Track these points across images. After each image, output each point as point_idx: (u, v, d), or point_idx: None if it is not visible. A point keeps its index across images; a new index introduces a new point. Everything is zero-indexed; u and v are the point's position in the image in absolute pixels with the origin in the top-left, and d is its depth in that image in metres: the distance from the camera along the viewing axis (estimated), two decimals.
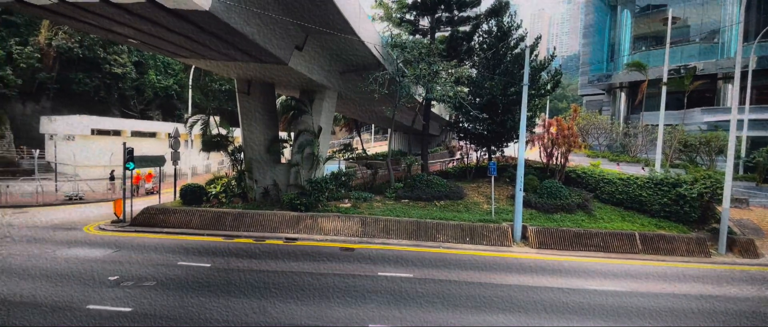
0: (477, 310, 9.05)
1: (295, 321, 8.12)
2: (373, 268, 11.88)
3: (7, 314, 8.00)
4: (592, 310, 9.41)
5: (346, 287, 10.16)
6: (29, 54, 33.74)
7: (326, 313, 8.56)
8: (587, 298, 10.10)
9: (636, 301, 10.07)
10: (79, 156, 29.71)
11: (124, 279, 10.25)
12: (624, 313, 9.33)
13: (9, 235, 14.41)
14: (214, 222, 16.30)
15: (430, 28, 23.35)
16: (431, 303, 9.35)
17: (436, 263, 12.57)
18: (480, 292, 10.21)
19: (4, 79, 32.28)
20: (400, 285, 10.46)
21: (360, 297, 9.53)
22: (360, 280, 10.77)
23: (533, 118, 22.67)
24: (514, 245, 15.02)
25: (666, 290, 11.06)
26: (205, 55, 15.80)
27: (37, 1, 10.49)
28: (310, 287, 10.09)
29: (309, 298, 9.33)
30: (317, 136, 19.00)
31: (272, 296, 9.42)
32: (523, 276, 11.69)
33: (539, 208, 17.49)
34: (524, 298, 9.88)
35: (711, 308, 9.88)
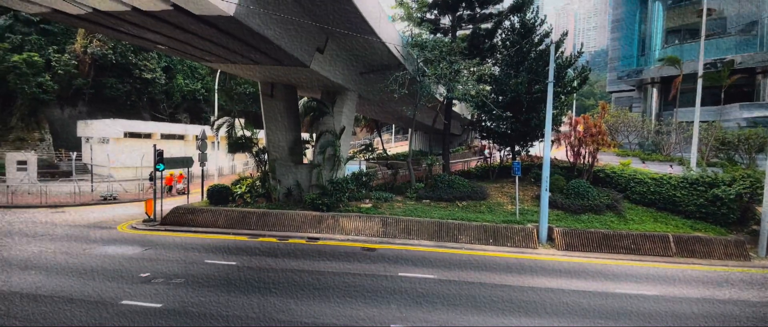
0: (501, 313, 8.86)
1: (318, 319, 8.18)
2: (395, 268, 11.85)
3: (47, 308, 8.43)
4: (622, 314, 9.04)
5: (367, 287, 10.17)
6: (66, 61, 35.58)
7: (348, 312, 8.59)
8: (617, 302, 9.72)
9: (669, 307, 9.61)
10: (112, 158, 31.09)
11: (154, 276, 10.62)
12: (657, 318, 8.92)
13: (50, 233, 15.22)
14: (239, 221, 16.69)
15: (452, 27, 23.10)
16: (454, 305, 9.22)
17: (458, 264, 12.41)
18: (504, 294, 10.00)
19: (43, 85, 34.16)
20: (422, 286, 10.38)
21: (382, 297, 9.52)
22: (381, 280, 10.76)
23: (559, 116, 22.04)
24: (540, 247, 14.64)
25: (702, 295, 10.51)
26: (230, 59, 16.19)
27: (72, 10, 11.02)
28: (333, 286, 10.15)
29: (331, 297, 9.39)
30: (338, 137, 19.14)
31: (296, 295, 9.54)
32: (549, 278, 11.37)
33: (566, 209, 16.99)
34: (550, 301, 9.60)
35: (752, 314, 9.32)
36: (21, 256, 12.16)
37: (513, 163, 17.82)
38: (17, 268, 10.95)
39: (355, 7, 13.38)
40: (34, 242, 13.81)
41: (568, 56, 21.91)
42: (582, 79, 21.90)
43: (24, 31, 35.48)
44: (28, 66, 32.72)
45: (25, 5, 11.03)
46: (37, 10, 11.35)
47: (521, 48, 21.02)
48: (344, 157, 19.74)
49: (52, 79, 34.76)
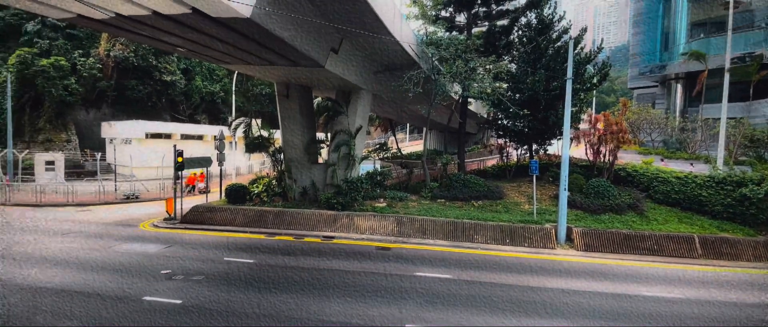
0: (519, 314, 8.73)
1: (333, 318, 8.23)
2: (410, 267, 11.81)
3: (73, 303, 8.73)
4: (644, 317, 8.77)
5: (382, 286, 10.17)
6: (91, 64, 36.80)
7: (363, 311, 8.60)
8: (638, 305, 9.44)
9: (693, 310, 9.28)
10: (135, 158, 32.00)
11: (175, 273, 10.88)
12: (680, 321, 8.63)
13: (77, 231, 15.77)
14: (256, 220, 16.94)
15: (467, 24, 22.86)
16: (470, 305, 9.13)
17: (474, 265, 12.28)
18: (522, 295, 9.84)
19: (70, 88, 35.42)
20: (438, 286, 10.31)
21: (397, 296, 9.50)
22: (396, 279, 10.74)
23: (578, 113, 21.55)
24: (558, 247, 14.36)
25: (729, 298, 10.11)
26: (247, 60, 16.43)
27: (96, 15, 11.37)
28: (348, 285, 10.19)
29: (346, 296, 9.43)
30: (353, 137, 19.21)
31: (311, 293, 9.62)
32: (567, 279, 11.14)
33: (585, 209, 16.62)
34: (569, 303, 9.40)
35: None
36: (50, 252, 12.64)
37: (530, 161, 17.53)
38: (46, 264, 11.39)
39: (369, 7, 13.38)
40: (62, 239, 14.34)
41: (587, 52, 21.40)
42: (602, 76, 21.36)
43: (51, 37, 36.85)
44: (55, 70, 33.99)
45: (52, 11, 11.45)
46: (63, 15, 11.76)
47: (538, 45, 20.65)
48: (359, 157, 19.79)
49: (77, 82, 36.02)
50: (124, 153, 33.06)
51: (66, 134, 37.13)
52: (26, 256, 12.22)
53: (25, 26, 36.71)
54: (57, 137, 36.49)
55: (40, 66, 33.43)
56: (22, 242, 13.81)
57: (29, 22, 36.62)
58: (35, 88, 34.25)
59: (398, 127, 65.21)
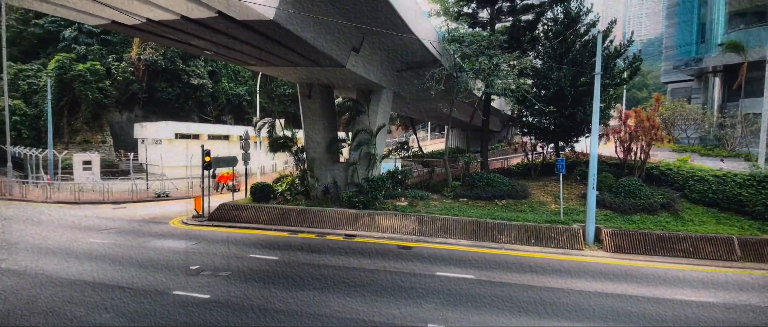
0: (545, 316, 8.49)
1: (354, 315, 8.26)
2: (432, 267, 11.72)
3: (108, 295, 9.14)
4: (676, 321, 8.36)
5: (404, 285, 10.13)
6: (124, 68, 38.46)
7: (385, 309, 8.60)
8: (672, 309, 9.01)
9: (732, 315, 8.76)
10: (165, 157, 33.22)
11: (203, 269, 11.22)
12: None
13: (112, 228, 16.53)
14: (280, 218, 17.25)
15: (490, 20, 22.44)
16: (494, 306, 8.96)
17: (498, 265, 12.06)
18: (548, 297, 9.58)
19: (104, 90, 37.12)
20: (460, 286, 10.18)
21: (419, 296, 9.44)
22: (418, 278, 10.68)
23: (607, 109, 20.82)
24: (586, 248, 13.90)
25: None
26: (271, 61, 16.73)
27: (128, 21, 11.85)
28: (370, 283, 10.21)
29: (368, 294, 9.45)
30: (374, 136, 19.24)
31: (334, 290, 9.69)
32: (596, 282, 10.77)
33: (615, 209, 16.02)
34: (598, 306, 9.08)
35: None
36: (87, 248, 13.30)
37: (557, 159, 17.04)
38: (84, 259, 11.98)
39: (390, 5, 13.35)
40: (99, 236, 15.05)
41: (617, 46, 20.61)
42: (633, 70, 20.54)
43: (87, 42, 38.75)
44: (91, 74, 35.73)
45: (88, 18, 12.01)
46: (98, 22, 12.32)
47: (565, 39, 20.03)
48: (379, 156, 19.81)
49: (111, 85, 37.73)
50: (155, 153, 34.38)
51: (101, 135, 38.98)
52: (66, 251, 12.90)
53: (63, 33, 38.76)
54: (93, 138, 38.36)
55: (78, 70, 35.21)
56: (62, 238, 14.58)
57: (67, 29, 38.62)
58: (73, 91, 36.11)
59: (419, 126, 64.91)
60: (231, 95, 47.46)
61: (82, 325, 7.73)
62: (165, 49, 39.41)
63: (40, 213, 19.70)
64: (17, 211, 19.86)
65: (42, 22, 39.36)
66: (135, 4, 10.49)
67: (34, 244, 13.67)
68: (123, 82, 38.58)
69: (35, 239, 14.28)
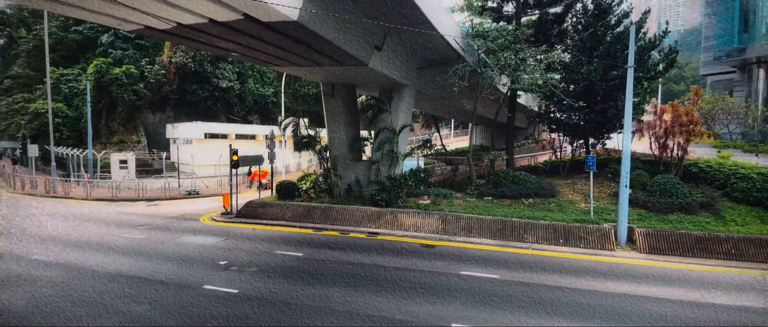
0: (574, 318, 8.23)
1: (378, 312, 8.28)
2: (455, 266, 11.59)
3: (144, 288, 9.56)
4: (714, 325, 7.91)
5: (427, 284, 10.07)
6: (156, 71, 40.05)
7: (408, 307, 8.57)
8: (711, 314, 8.52)
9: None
10: (195, 156, 34.40)
11: (231, 264, 11.55)
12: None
13: (147, 224, 17.28)
14: (304, 215, 17.52)
15: (516, 13, 21.89)
16: (520, 307, 8.76)
17: (524, 265, 11.78)
18: (577, 298, 9.28)
19: (139, 92, 38.80)
20: (485, 286, 10.01)
21: (442, 295, 9.36)
22: (442, 277, 10.59)
23: (641, 104, 19.89)
24: (618, 249, 13.37)
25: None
26: (295, 62, 16.99)
27: (160, 26, 12.31)
28: (393, 281, 10.21)
29: (391, 292, 9.45)
30: (396, 134, 19.20)
31: (358, 287, 9.75)
32: (629, 284, 10.33)
33: (650, 208, 15.32)
34: (631, 309, 8.70)
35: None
36: (124, 243, 13.96)
37: (587, 157, 16.45)
38: (122, 253, 12.59)
39: (413, 3, 13.25)
40: (134, 231, 15.77)
41: (651, 37, 19.66)
42: (668, 63, 19.53)
43: (123, 47, 40.60)
44: (126, 77, 37.43)
45: (123, 24, 12.57)
46: (133, 27, 12.87)
47: (596, 31, 19.27)
48: (402, 154, 19.75)
49: (145, 88, 39.40)
50: (186, 152, 35.66)
51: (136, 135, 40.81)
52: (105, 245, 13.59)
53: (100, 38, 40.76)
54: (128, 138, 40.22)
55: (114, 74, 36.97)
56: (101, 233, 15.38)
57: (104, 35, 40.59)
58: (110, 94, 37.96)
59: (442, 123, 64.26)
60: (257, 96, 48.57)
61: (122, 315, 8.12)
62: (194, 52, 40.76)
63: (81, 209, 20.85)
64: (60, 208, 21.10)
65: (81, 29, 41.53)
66: (166, 10, 10.88)
67: (76, 238, 14.48)
68: (155, 84, 40.22)
69: (77, 234, 15.12)
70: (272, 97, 49.48)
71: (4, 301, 8.80)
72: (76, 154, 30.88)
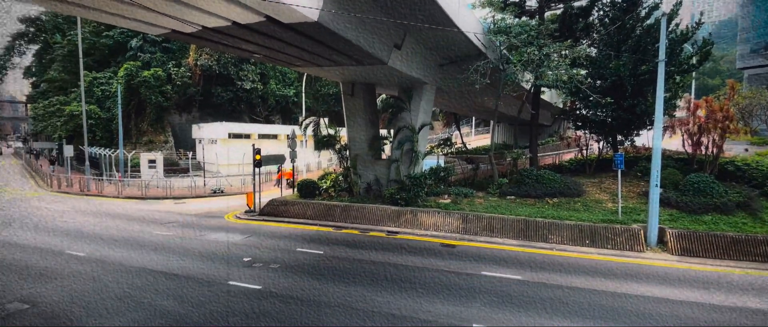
0: (600, 320, 7.96)
1: (400, 311, 8.25)
2: (477, 266, 11.43)
3: (173, 283, 9.87)
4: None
5: (448, 284, 9.97)
6: (182, 73, 41.28)
7: (429, 307, 8.51)
8: (748, 319, 8.06)
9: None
10: (220, 156, 35.28)
11: (255, 261, 11.79)
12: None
13: (174, 221, 17.85)
14: (325, 213, 17.68)
15: (539, 8, 21.34)
16: (543, 309, 8.55)
17: (548, 266, 11.50)
18: (604, 301, 8.97)
19: (166, 94, 40.10)
20: (507, 287, 9.83)
21: (463, 295, 9.24)
22: (463, 277, 10.46)
23: (673, 99, 19.05)
24: (648, 250, 12.86)
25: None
26: (315, 62, 17.14)
27: (186, 29, 12.66)
28: (413, 280, 10.16)
29: (412, 291, 9.40)
30: (416, 132, 19.09)
31: (377, 286, 9.76)
32: (660, 287, 9.92)
33: (682, 208, 14.67)
34: (662, 313, 8.34)
35: None
36: (152, 239, 14.47)
37: (615, 155, 15.89)
38: (150, 249, 13.05)
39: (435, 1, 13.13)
40: (162, 228, 16.32)
41: (684, 29, 18.79)
42: (702, 56, 18.63)
43: (151, 51, 42.04)
44: (154, 79, 38.74)
45: (151, 28, 13.00)
46: (160, 31, 13.29)
47: (624, 24, 18.56)
48: (422, 152, 19.63)
49: (171, 89, 40.69)
50: (211, 152, 36.63)
51: (164, 136, 42.22)
52: (135, 241, 14.12)
53: (130, 43, 42.35)
54: (157, 138, 41.64)
55: (143, 77, 38.33)
56: (131, 230, 15.99)
57: (133, 39, 42.15)
58: (139, 95, 39.39)
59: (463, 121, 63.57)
60: (279, 97, 49.38)
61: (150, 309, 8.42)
62: (219, 54, 41.80)
63: (113, 207, 21.75)
64: (93, 206, 22.06)
65: (112, 34, 43.27)
66: (192, 13, 11.17)
67: (108, 235, 15.11)
68: (182, 86, 41.49)
69: (109, 230, 15.78)
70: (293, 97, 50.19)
71: (42, 294, 9.28)
72: (107, 154, 32.22)
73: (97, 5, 10.55)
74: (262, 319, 8.01)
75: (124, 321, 7.90)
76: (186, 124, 43.94)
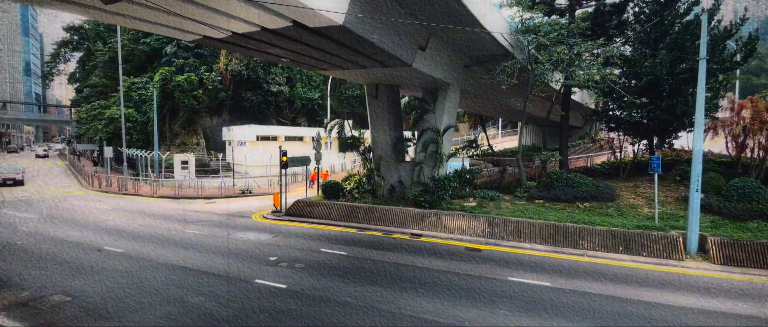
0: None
1: (424, 315, 8.16)
2: (503, 271, 11.15)
3: (202, 280, 10.18)
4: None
5: (473, 288, 9.77)
6: (213, 78, 42.74)
7: (454, 311, 8.36)
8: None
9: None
10: (248, 157, 36.24)
11: (280, 260, 12.00)
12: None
13: (205, 220, 18.46)
14: (348, 215, 17.78)
15: (569, 6, 20.69)
16: (574, 317, 8.21)
17: (579, 273, 11.07)
18: (640, 312, 8.53)
19: (198, 98, 41.62)
20: (535, 293, 9.52)
21: (489, 300, 9.03)
22: (488, 282, 10.23)
23: (714, 99, 17.99)
24: (688, 259, 12.15)
25: None
26: (340, 65, 17.32)
27: (217, 35, 13.10)
28: (438, 284, 10.03)
29: (436, 295, 9.28)
30: (440, 134, 18.90)
31: (402, 288, 9.69)
32: (701, 298, 9.33)
33: (725, 214, 13.80)
34: (703, 325, 7.85)
35: None
36: (184, 237, 15.01)
37: (651, 157, 15.13)
38: (182, 247, 13.54)
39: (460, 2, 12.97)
40: (194, 227, 16.90)
41: (727, 25, 17.72)
42: (747, 53, 17.49)
43: (184, 56, 43.80)
44: (187, 84, 40.32)
45: (185, 34, 13.54)
46: (193, 37, 13.82)
47: (662, 20, 17.68)
48: (446, 154, 19.40)
49: (203, 93, 42.23)
50: (240, 153, 37.70)
51: (196, 138, 43.85)
52: (168, 239, 14.69)
53: (165, 49, 44.28)
54: (189, 140, 43.29)
55: (177, 81, 39.97)
56: (164, 228, 16.65)
57: (168, 46, 44.05)
58: (173, 99, 41.09)
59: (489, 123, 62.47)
60: (305, 99, 50.30)
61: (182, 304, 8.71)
62: (248, 60, 43.05)
63: (148, 206, 22.74)
64: (130, 204, 23.15)
65: (149, 41, 45.41)
66: (223, 20, 11.55)
67: (143, 232, 15.81)
68: (213, 90, 42.99)
69: (144, 228, 16.50)
70: (318, 100, 50.99)
71: (82, 287, 9.79)
72: (144, 155, 33.76)
73: (136, 14, 11.09)
74: (288, 318, 8.12)
75: (157, 314, 8.21)
76: (216, 126, 45.46)
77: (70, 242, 14.11)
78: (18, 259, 12.09)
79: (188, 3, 10.17)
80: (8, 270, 11.02)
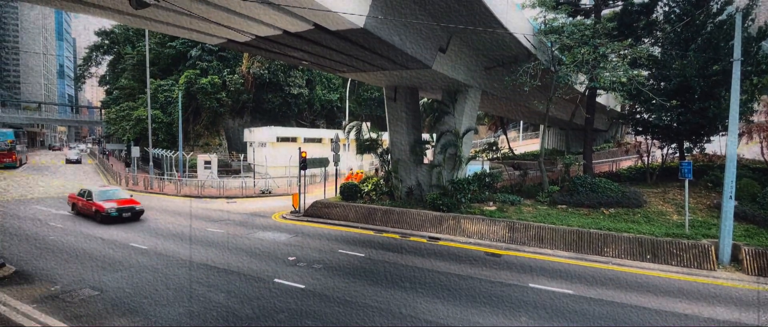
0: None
1: (441, 320, 8.06)
2: (523, 277, 10.91)
3: (222, 278, 10.38)
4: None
5: (493, 294, 9.60)
6: (236, 80, 43.69)
7: (473, 317, 8.22)
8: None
9: None
10: (269, 158, 36.83)
11: (299, 260, 12.12)
12: None
13: (226, 219, 18.84)
14: (366, 216, 17.81)
15: (595, 6, 20.17)
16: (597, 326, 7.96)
17: (604, 281, 10.72)
18: (669, 322, 8.18)
19: (221, 100, 42.61)
20: (557, 301, 9.27)
21: (509, 307, 8.85)
22: (509, 289, 10.03)
23: (749, 102, 17.17)
24: (720, 269, 11.60)
25: None
26: (359, 68, 17.39)
27: (240, 39, 13.38)
28: (456, 288, 9.90)
29: (455, 300, 9.16)
30: (460, 137, 18.71)
31: (420, 292, 9.61)
32: (734, 310, 8.87)
33: (760, 223, 13.14)
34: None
35: None
36: (207, 235, 15.36)
37: (681, 163, 14.55)
38: (204, 245, 13.85)
39: (481, 2, 12.83)
40: (215, 225, 17.27)
41: (762, 25, 16.91)
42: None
43: (207, 59, 44.94)
44: (211, 86, 41.35)
45: (210, 38, 13.89)
46: (217, 41, 14.16)
47: (694, 20, 17.00)
48: (465, 157, 19.18)
49: (226, 95, 43.22)
50: (261, 154, 38.36)
51: (218, 139, 44.88)
52: (191, 237, 15.05)
53: (190, 52, 45.55)
54: (212, 141, 44.34)
55: (201, 84, 41.05)
56: (187, 226, 17.08)
57: (192, 49, 45.31)
58: (197, 101, 42.21)
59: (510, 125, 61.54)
60: (324, 101, 50.82)
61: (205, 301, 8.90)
62: (269, 63, 43.83)
63: (173, 204, 23.38)
64: (155, 202, 23.85)
65: (175, 44, 46.84)
66: (246, 24, 11.79)
67: (167, 230, 16.25)
68: (235, 92, 43.96)
69: (168, 226, 16.96)
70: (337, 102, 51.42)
71: (110, 282, 10.13)
72: (168, 155, 34.79)
73: (163, 19, 11.44)
74: (307, 318, 8.17)
75: (180, 311, 8.41)
76: (238, 128, 46.44)
77: (100, 238, 14.65)
78: (50, 253, 12.63)
79: (213, 7, 10.42)
80: (41, 264, 11.53)
